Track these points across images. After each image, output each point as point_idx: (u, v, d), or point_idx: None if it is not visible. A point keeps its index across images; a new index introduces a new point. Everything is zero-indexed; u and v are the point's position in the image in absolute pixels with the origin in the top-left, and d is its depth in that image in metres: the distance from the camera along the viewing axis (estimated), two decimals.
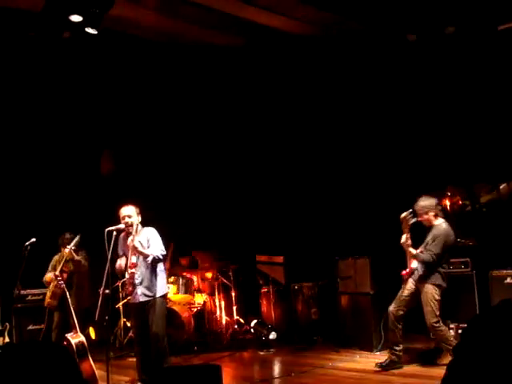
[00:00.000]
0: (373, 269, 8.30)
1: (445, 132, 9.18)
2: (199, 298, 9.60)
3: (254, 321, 9.54)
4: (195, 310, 9.41)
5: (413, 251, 6.87)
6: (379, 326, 8.03)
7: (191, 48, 9.76)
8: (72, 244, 7.53)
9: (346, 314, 8.64)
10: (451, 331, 7.93)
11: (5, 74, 9.12)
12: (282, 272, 9.89)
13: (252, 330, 9.49)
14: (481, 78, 8.74)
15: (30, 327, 8.79)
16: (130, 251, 6.60)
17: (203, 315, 9.49)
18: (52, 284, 7.88)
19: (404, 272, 7.04)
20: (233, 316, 9.73)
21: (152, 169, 10.73)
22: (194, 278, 9.74)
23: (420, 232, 7.12)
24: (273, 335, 8.96)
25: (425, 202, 6.94)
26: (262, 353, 8.73)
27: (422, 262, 6.86)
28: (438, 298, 6.87)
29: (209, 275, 9.85)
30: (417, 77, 9.21)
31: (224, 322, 9.59)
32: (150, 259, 6.54)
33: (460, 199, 9.46)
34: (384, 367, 6.93)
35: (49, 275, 8.05)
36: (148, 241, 6.67)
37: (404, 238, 6.93)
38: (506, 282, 7.85)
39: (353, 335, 8.46)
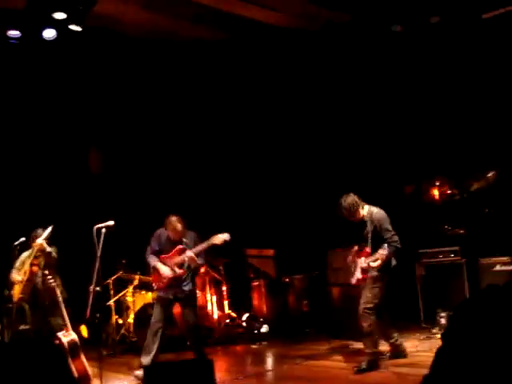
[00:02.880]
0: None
1: (431, 122, 9.22)
2: None
3: (246, 314, 9.55)
4: None
5: (377, 263, 6.45)
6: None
7: (177, 43, 9.72)
8: (44, 235, 7.36)
9: (337, 305, 8.66)
10: (442, 320, 7.98)
11: None
12: (272, 265, 9.90)
13: (244, 324, 9.49)
14: (467, 66, 8.77)
15: (22, 327, 8.69)
16: (178, 255, 6.99)
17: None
18: (21, 281, 7.65)
19: (354, 282, 6.85)
20: (224, 310, 9.72)
21: (139, 165, 10.70)
22: None
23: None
24: (265, 328, 8.97)
25: (347, 200, 6.62)
26: (254, 346, 8.74)
27: (389, 258, 6.54)
28: (384, 286, 6.62)
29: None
30: (403, 67, 9.23)
31: (216, 316, 9.57)
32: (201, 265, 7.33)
33: (448, 188, 9.50)
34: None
35: (18, 277, 7.70)
36: (195, 243, 7.07)
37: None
38: (495, 269, 7.92)
39: (344, 326, 8.47)
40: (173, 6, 8.48)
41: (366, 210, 6.70)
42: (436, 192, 9.67)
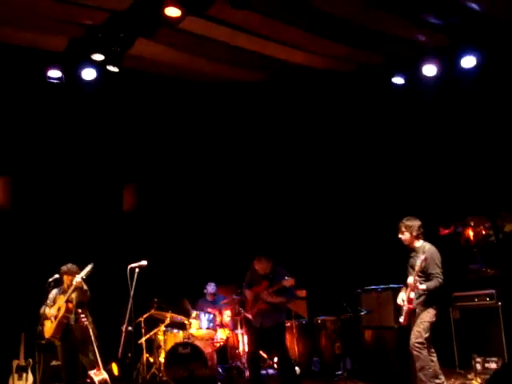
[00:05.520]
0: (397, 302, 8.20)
1: (467, 161, 9.16)
2: (222, 334, 9.52)
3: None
4: (218, 345, 9.34)
5: (423, 286, 6.64)
6: (404, 360, 7.94)
7: (212, 84, 9.87)
8: (83, 273, 7.40)
9: (370, 349, 8.53)
10: (478, 365, 7.81)
11: (28, 111, 9.31)
12: (304, 306, 9.81)
13: (275, 365, 9.38)
14: (501, 107, 8.73)
15: (53, 363, 8.72)
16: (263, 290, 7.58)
17: (226, 350, 9.41)
18: (54, 315, 7.63)
19: (403, 320, 6.83)
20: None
21: (173, 203, 10.77)
22: (217, 313, 9.67)
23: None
24: (296, 370, 8.84)
25: (411, 220, 6.91)
26: None
27: (432, 290, 6.66)
28: (434, 319, 6.71)
29: (228, 313, 9.79)
30: (437, 106, 9.22)
31: (247, 357, 9.49)
32: (284, 303, 7.63)
33: (483, 229, 9.36)
34: None
35: (51, 311, 7.68)
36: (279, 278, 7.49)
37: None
38: None
39: (377, 370, 8.34)
40: (209, 48, 8.63)
41: (419, 243, 6.92)
42: (471, 233, 9.54)
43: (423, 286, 6.65)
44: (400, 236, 6.97)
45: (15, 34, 8.06)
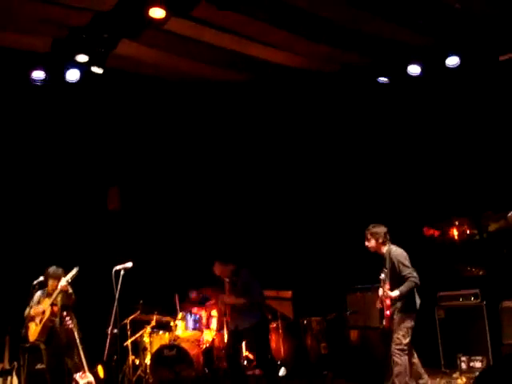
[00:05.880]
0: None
1: (450, 162, 9.21)
2: (208, 335, 9.50)
3: None
4: (204, 346, 9.32)
5: (396, 293, 6.61)
6: (389, 360, 7.97)
7: (196, 84, 9.85)
8: (69, 276, 7.37)
9: (356, 349, 8.55)
10: (463, 364, 7.86)
11: (12, 112, 9.24)
12: (290, 307, 9.81)
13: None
14: (484, 108, 8.79)
15: (38, 366, 8.66)
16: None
17: (212, 352, 9.40)
18: (39, 318, 7.61)
19: (385, 323, 6.84)
20: (242, 352, 9.61)
21: (158, 204, 10.75)
22: (203, 314, 9.65)
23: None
24: (282, 371, 8.85)
25: (376, 227, 6.94)
26: None
27: (407, 292, 6.64)
28: (413, 323, 6.67)
29: (214, 313, 9.75)
30: (421, 108, 9.27)
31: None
32: (246, 305, 7.49)
33: (467, 228, 9.42)
34: None
35: (39, 308, 7.64)
36: (247, 284, 7.57)
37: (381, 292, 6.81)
38: None
39: (363, 370, 8.35)
40: (193, 49, 8.60)
41: (386, 248, 6.90)
42: (455, 232, 9.59)
43: (396, 293, 6.61)
44: (367, 244, 6.99)
45: None
